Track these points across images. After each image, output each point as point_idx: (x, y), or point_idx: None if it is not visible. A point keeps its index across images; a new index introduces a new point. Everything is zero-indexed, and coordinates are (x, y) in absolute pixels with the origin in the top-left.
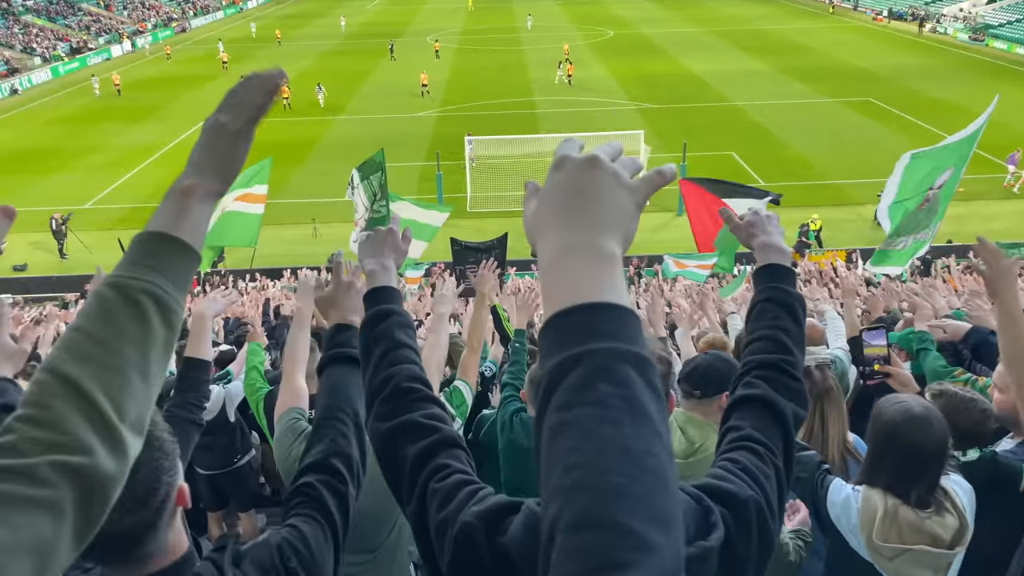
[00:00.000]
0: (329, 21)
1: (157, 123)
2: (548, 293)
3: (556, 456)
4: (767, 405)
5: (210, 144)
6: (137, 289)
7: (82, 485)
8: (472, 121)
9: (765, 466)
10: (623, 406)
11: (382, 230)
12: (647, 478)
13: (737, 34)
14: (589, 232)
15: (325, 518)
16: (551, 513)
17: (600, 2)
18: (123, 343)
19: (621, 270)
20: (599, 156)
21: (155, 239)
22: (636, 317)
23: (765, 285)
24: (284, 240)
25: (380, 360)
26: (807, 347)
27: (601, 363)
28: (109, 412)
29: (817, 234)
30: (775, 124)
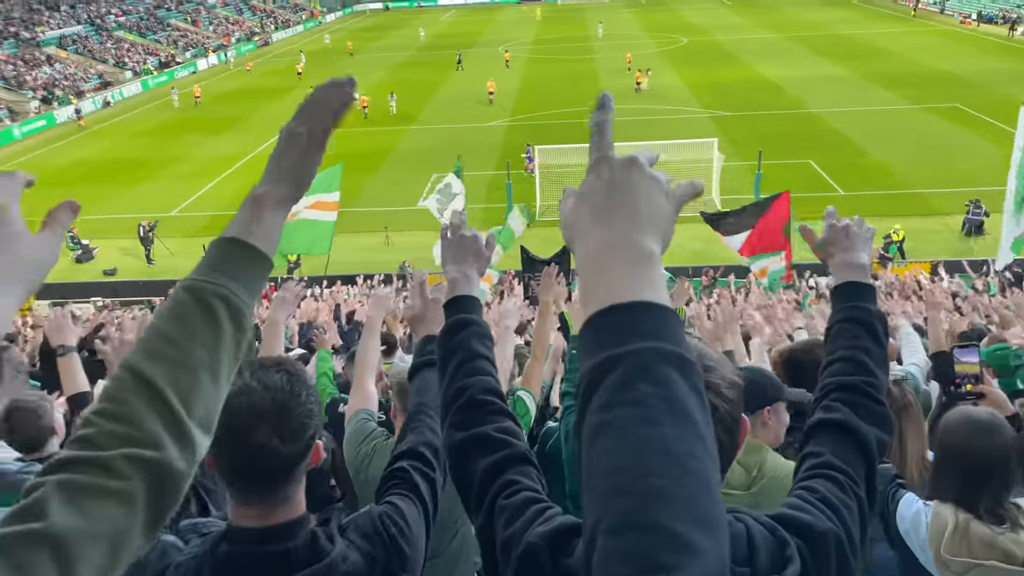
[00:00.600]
0: (404, 33)
1: (237, 134)
2: (586, 293)
3: (596, 457)
4: (848, 430)
5: (284, 153)
6: (209, 292)
7: (153, 478)
8: (542, 130)
9: (846, 496)
10: (664, 407)
11: (466, 236)
12: (689, 480)
13: (815, 39)
14: (627, 230)
15: (418, 498)
16: (592, 515)
17: (673, 9)
18: (195, 344)
19: (661, 269)
20: (638, 157)
21: (229, 245)
22: (677, 317)
23: (844, 304)
24: (358, 248)
25: (456, 370)
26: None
27: (641, 363)
28: (179, 409)
29: (900, 245)
30: (855, 131)
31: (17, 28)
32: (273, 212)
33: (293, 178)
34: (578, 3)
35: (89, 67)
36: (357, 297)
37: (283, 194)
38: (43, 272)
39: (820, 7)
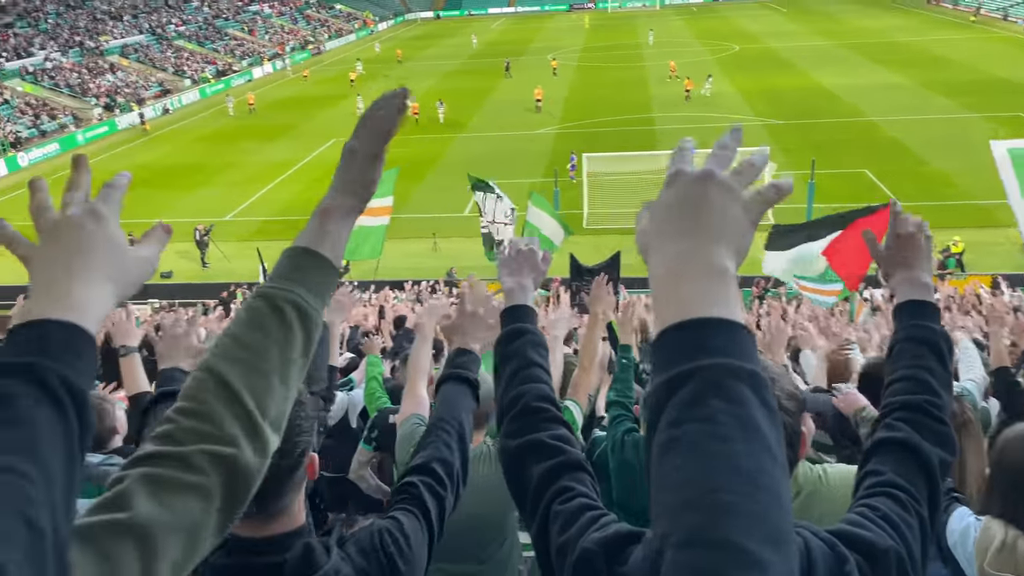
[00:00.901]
0: (454, 41)
1: (290, 141)
2: (659, 308)
3: (666, 472)
4: (910, 450)
5: (346, 167)
6: (282, 299)
7: (229, 474)
8: (591, 138)
9: (908, 515)
10: (735, 423)
11: (523, 249)
12: (761, 496)
13: (872, 47)
14: (701, 246)
15: (423, 515)
16: (661, 528)
17: (725, 17)
18: (268, 348)
19: (735, 285)
20: (713, 170)
21: (299, 254)
22: (749, 334)
23: (907, 323)
24: (406, 254)
25: (512, 378)
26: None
27: (713, 379)
28: (254, 410)
29: (959, 257)
30: (914, 140)
31: (82, 37)
32: (339, 223)
33: (355, 191)
34: (627, 10)
35: (150, 75)
36: (404, 302)
37: (348, 206)
38: (137, 285)
39: (877, 14)
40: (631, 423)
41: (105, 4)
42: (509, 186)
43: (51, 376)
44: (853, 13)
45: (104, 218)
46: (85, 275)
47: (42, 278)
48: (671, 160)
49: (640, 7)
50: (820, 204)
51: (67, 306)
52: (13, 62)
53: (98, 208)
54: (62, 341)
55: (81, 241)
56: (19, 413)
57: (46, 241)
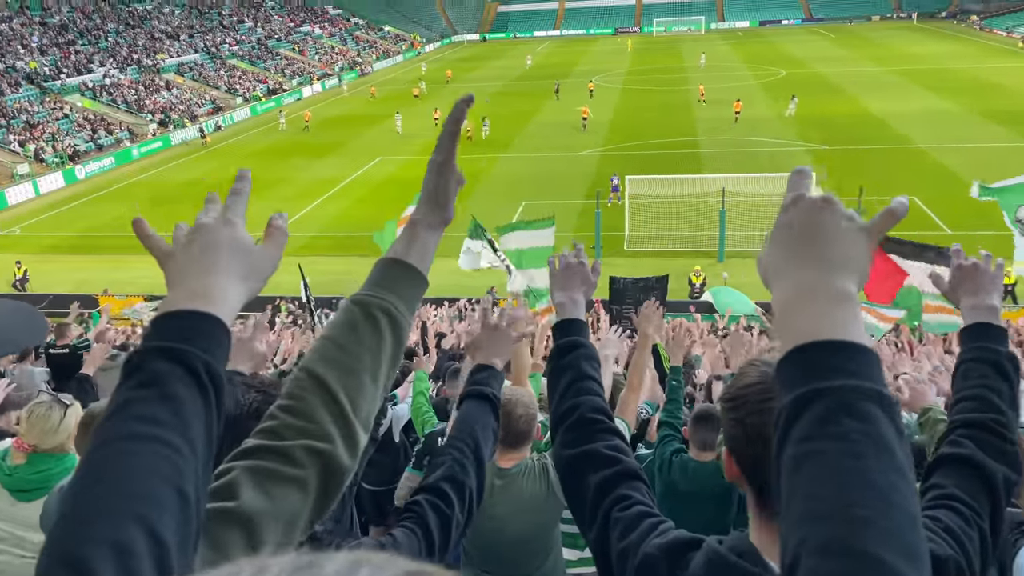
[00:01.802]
0: (500, 63)
1: (338, 159)
2: (786, 329)
3: (799, 485)
4: (973, 465)
5: (427, 181)
6: (374, 306)
7: (324, 468)
8: (635, 160)
9: (968, 527)
10: (867, 441)
11: (573, 263)
12: (894, 513)
13: (922, 73)
14: (825, 271)
15: (424, 534)
16: (795, 536)
17: (771, 42)
18: (362, 351)
19: (859, 309)
20: (830, 198)
21: (390, 264)
22: (877, 356)
23: (972, 344)
24: (448, 271)
25: (566, 390)
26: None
27: (844, 399)
28: (348, 408)
29: (1012, 289)
30: (965, 168)
31: (140, 55)
32: (426, 234)
33: (436, 202)
34: (672, 35)
35: (204, 93)
36: (445, 319)
37: (433, 219)
38: (264, 281)
39: (925, 41)
40: (679, 443)
41: (163, 24)
42: (553, 207)
43: (197, 361)
44: (901, 39)
45: (233, 223)
46: (219, 273)
47: (181, 275)
48: (789, 184)
49: (685, 31)
50: None
51: (207, 300)
52: (74, 78)
53: (228, 215)
54: (204, 331)
55: (214, 243)
56: (174, 391)
57: (184, 245)
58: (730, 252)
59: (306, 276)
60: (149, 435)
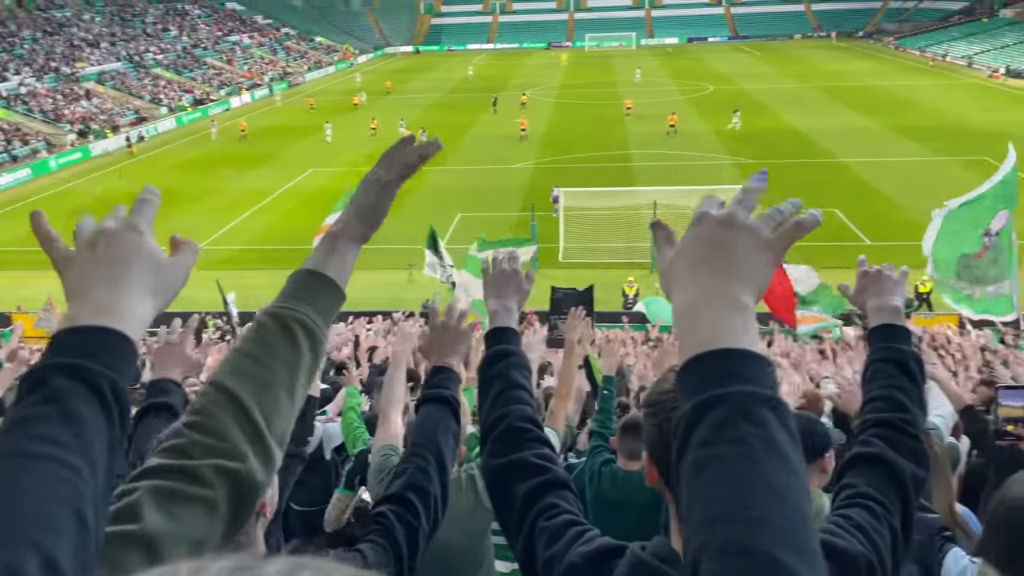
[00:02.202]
0: (435, 75)
1: (270, 169)
2: (685, 338)
3: (700, 489)
4: (883, 464)
5: (362, 195)
6: (290, 318)
7: (235, 487)
8: (568, 173)
9: (879, 524)
10: (762, 445)
11: (507, 271)
12: (788, 512)
13: (841, 90)
14: (725, 284)
15: (391, 546)
16: (696, 539)
17: (699, 58)
18: (276, 365)
19: (755, 320)
20: (736, 215)
21: (307, 275)
22: (770, 363)
23: (880, 345)
24: (380, 284)
25: (495, 399)
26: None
27: (741, 405)
28: (262, 425)
29: (926, 297)
30: (882, 182)
31: (58, 63)
32: (347, 248)
33: (365, 218)
34: (604, 50)
35: (126, 102)
36: (380, 334)
37: (358, 233)
38: (174, 294)
39: (845, 58)
40: (609, 453)
41: (83, 31)
42: (488, 219)
43: (102, 379)
44: (821, 57)
45: (142, 232)
46: (127, 286)
47: (84, 286)
48: (700, 203)
49: (617, 47)
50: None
51: (113, 315)
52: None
53: (135, 222)
54: (111, 347)
55: (121, 253)
56: (76, 409)
57: (84, 251)
58: None
59: (226, 292)
60: (46, 455)
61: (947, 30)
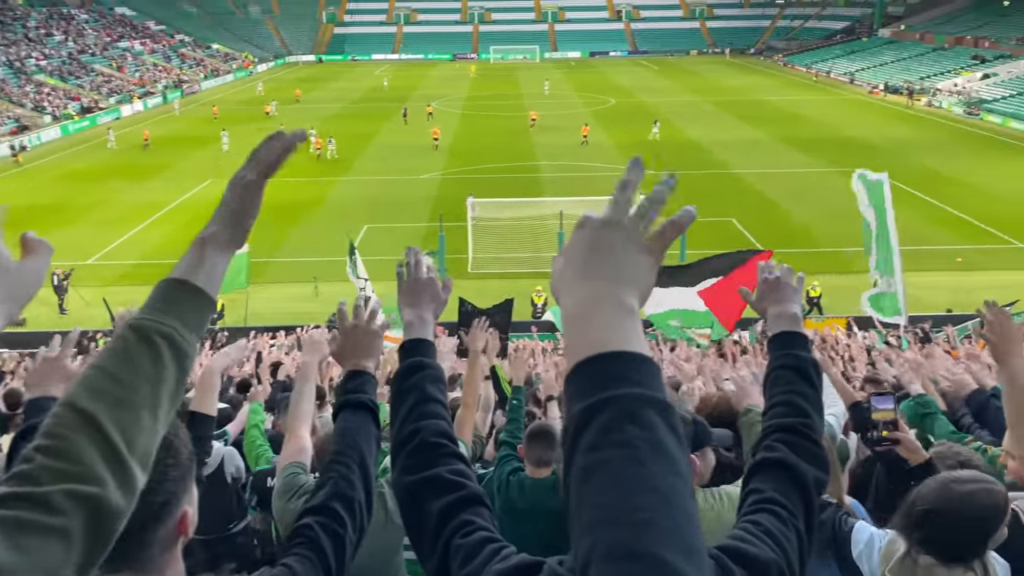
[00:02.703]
0: (339, 85)
1: (165, 181)
2: (573, 343)
3: (588, 493)
4: (786, 468)
5: (228, 197)
6: (154, 331)
7: (92, 514)
8: (476, 184)
9: (787, 529)
10: (649, 448)
11: (422, 279)
12: (674, 513)
13: (735, 104)
14: (609, 287)
15: (319, 559)
16: (584, 546)
17: (601, 72)
18: (138, 381)
19: (640, 321)
20: (616, 217)
21: (173, 285)
22: (657, 365)
23: (780, 352)
24: (284, 298)
25: (408, 413)
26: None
27: (627, 408)
28: (121, 446)
29: (817, 301)
30: (775, 192)
31: None
32: (216, 254)
33: (234, 221)
34: (509, 63)
35: (5, 110)
36: (284, 349)
37: (227, 237)
38: (27, 300)
39: (739, 75)
40: (518, 462)
41: None
42: (396, 230)
43: None
44: (716, 73)
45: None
46: None
47: None
48: (585, 211)
49: (521, 59)
50: (692, 251)
51: None
52: None
53: None
54: None
55: None
56: None
57: None
58: None
59: (113, 310)
60: None
61: (831, 48)
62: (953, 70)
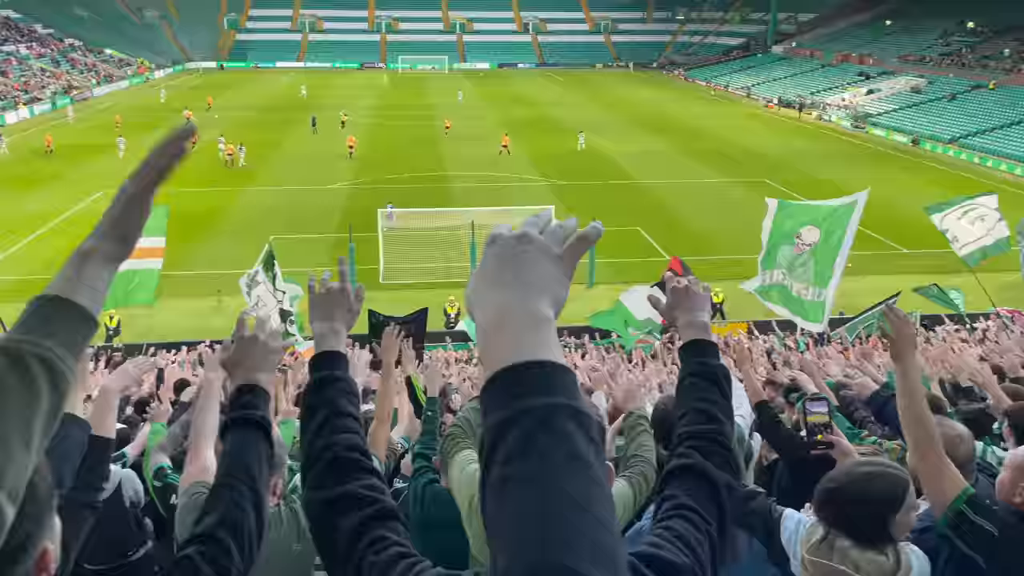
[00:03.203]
0: (243, 92)
1: (56, 191)
2: (488, 355)
3: (503, 507)
4: (699, 474)
5: (113, 208)
6: (28, 354)
7: None
8: (387, 194)
9: (699, 533)
10: (564, 457)
11: (335, 289)
12: (592, 522)
13: (640, 116)
14: (523, 298)
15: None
16: (502, 560)
17: (510, 84)
18: (7, 408)
19: (555, 332)
20: (528, 231)
21: (49, 303)
22: (572, 374)
23: (691, 360)
24: (187, 312)
25: (319, 429)
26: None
27: (542, 418)
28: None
29: (720, 307)
30: (678, 202)
31: None
32: (98, 268)
33: (118, 233)
34: (418, 72)
35: None
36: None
37: (108, 250)
38: None
39: (642, 88)
40: (434, 474)
41: None
42: (304, 241)
43: None
44: (621, 86)
45: None
46: None
47: None
48: (494, 227)
49: (430, 69)
50: (600, 259)
51: None
52: None
53: None
54: None
55: None
56: None
57: None
58: None
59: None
60: None
61: (728, 63)
62: (840, 86)
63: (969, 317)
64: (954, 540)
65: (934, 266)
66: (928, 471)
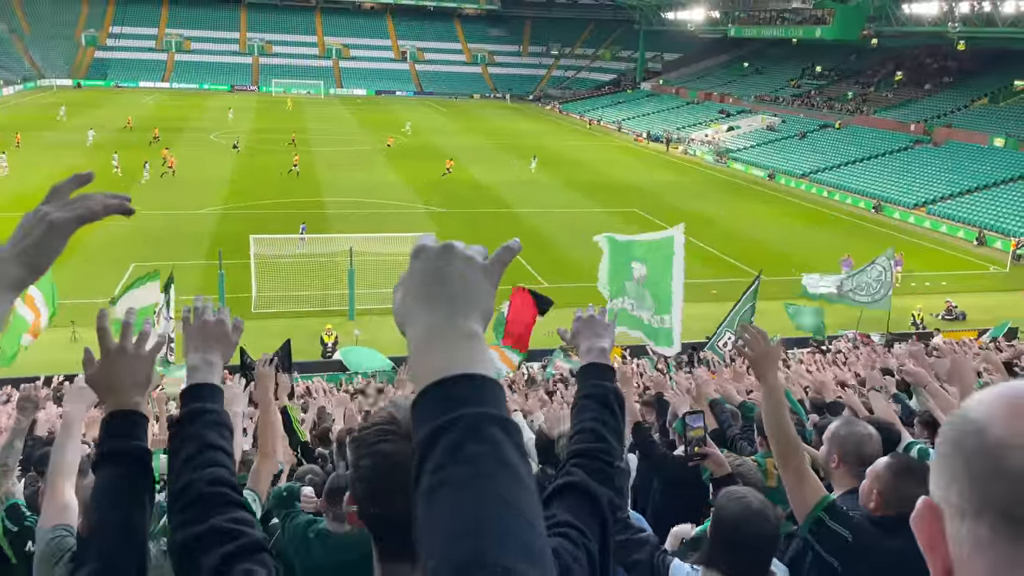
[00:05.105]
0: (103, 113)
1: None
2: (418, 370)
3: (434, 511)
4: (582, 491)
5: (25, 233)
6: None
7: None
8: (259, 220)
9: (576, 549)
10: (492, 462)
11: (210, 321)
12: (519, 521)
13: (516, 147)
14: (450, 312)
15: None
16: (432, 561)
17: (389, 110)
18: None
19: (484, 344)
20: (453, 244)
21: None
22: (499, 385)
23: (587, 381)
24: (38, 346)
25: (184, 464)
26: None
27: (470, 426)
28: None
29: None
30: (552, 230)
31: None
32: (1, 295)
33: (28, 260)
34: (293, 96)
35: None
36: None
37: (13, 276)
38: None
39: (519, 120)
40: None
41: None
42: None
43: None
44: (499, 117)
45: None
46: None
47: None
48: (417, 239)
49: (305, 94)
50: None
51: None
52: None
53: None
54: None
55: None
56: None
57: None
58: (360, 310)
59: None
60: None
61: (600, 98)
62: (704, 122)
63: (829, 339)
64: (814, 545)
65: (793, 290)
66: (792, 480)
